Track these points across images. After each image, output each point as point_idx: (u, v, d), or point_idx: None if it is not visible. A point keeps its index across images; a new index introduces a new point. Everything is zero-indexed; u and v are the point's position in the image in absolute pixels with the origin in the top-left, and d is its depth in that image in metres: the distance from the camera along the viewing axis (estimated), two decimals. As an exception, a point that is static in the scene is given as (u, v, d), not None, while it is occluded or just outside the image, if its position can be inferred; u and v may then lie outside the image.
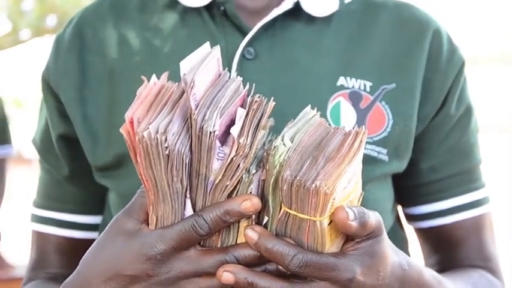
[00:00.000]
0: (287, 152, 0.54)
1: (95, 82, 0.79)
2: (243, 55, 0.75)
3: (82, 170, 0.82)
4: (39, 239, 0.89)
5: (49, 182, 0.89)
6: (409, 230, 0.90)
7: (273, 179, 0.54)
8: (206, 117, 0.51)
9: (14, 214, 4.27)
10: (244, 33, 0.76)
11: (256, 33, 0.75)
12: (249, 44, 0.75)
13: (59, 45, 0.83)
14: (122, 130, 0.53)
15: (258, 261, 0.55)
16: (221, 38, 0.74)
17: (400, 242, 0.77)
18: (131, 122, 0.52)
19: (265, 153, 0.55)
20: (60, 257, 0.88)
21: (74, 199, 0.87)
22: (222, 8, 0.76)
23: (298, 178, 0.52)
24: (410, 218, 0.88)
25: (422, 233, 0.89)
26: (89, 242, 0.71)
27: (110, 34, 0.82)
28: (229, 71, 0.65)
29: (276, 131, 0.57)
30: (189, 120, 0.53)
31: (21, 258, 2.98)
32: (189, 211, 0.55)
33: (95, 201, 0.87)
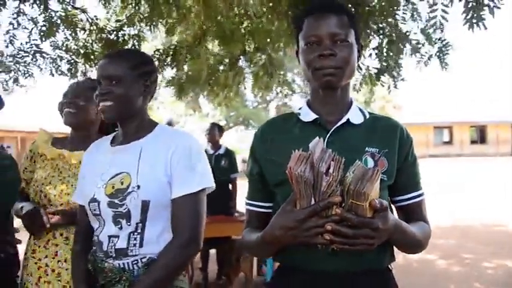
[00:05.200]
0: (351, 178, 1.02)
1: (270, 154, 1.31)
2: (327, 141, 1.25)
3: (266, 185, 1.33)
4: (249, 212, 1.41)
5: (252, 189, 1.40)
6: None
7: (346, 188, 1.02)
8: (320, 165, 1.01)
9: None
10: (327, 132, 1.27)
11: (332, 132, 1.27)
12: (330, 136, 1.26)
13: (256, 135, 1.39)
14: (286, 171, 1.03)
15: (340, 221, 1.02)
16: (319, 134, 1.19)
17: (392, 212, 1.25)
18: (290, 168, 1.03)
19: (343, 179, 1.03)
20: (257, 220, 1.38)
21: (262, 196, 1.37)
22: (318, 121, 1.29)
23: (356, 188, 1.00)
24: (393, 202, 1.35)
25: (398, 208, 1.37)
26: (268, 214, 1.29)
27: (272, 134, 1.35)
28: None
29: (345, 168, 1.04)
30: (314, 167, 1.02)
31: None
32: (313, 202, 1.04)
33: (270, 197, 1.34)
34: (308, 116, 1.31)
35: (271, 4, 4.30)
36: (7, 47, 5.54)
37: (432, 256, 5.83)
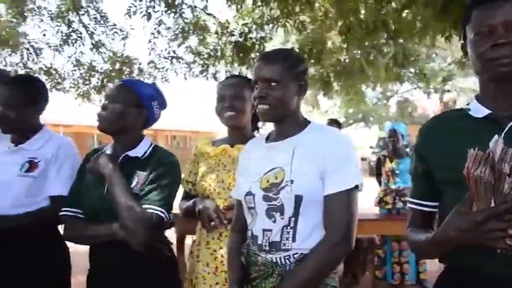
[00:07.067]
0: None
1: (439, 151, 1.24)
2: (503, 138, 1.08)
3: (432, 183, 1.26)
4: (413, 211, 1.35)
5: (417, 188, 1.35)
6: None
7: None
8: (502, 166, 0.93)
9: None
10: (502, 128, 1.13)
11: (509, 128, 1.13)
12: (506, 133, 1.12)
13: (422, 132, 1.32)
14: (464, 172, 0.97)
15: None
16: (492, 131, 1.07)
17: None
18: (468, 168, 0.96)
19: None
20: (421, 219, 1.34)
21: (428, 194, 1.31)
22: (492, 117, 1.16)
23: None
24: None
25: None
26: (433, 214, 1.26)
27: (440, 131, 1.27)
28: None
29: None
30: (494, 167, 0.94)
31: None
32: (492, 205, 0.96)
33: (436, 196, 1.28)
34: (479, 111, 1.21)
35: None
36: (150, 54, 6.14)
37: None
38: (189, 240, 2.82)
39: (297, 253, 1.39)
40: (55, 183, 1.87)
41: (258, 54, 5.49)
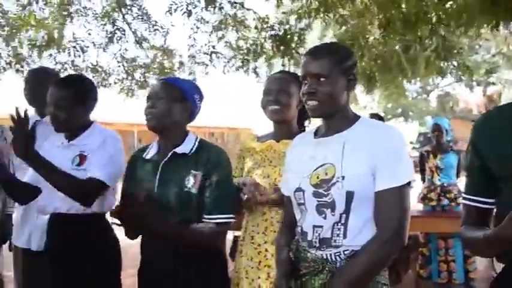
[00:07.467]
0: None
1: (497, 145, 1.17)
2: None
3: (489, 179, 1.20)
4: (467, 208, 1.29)
5: (472, 183, 1.29)
6: None
7: None
8: None
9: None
10: None
11: None
12: None
13: (477, 126, 1.25)
14: None
15: None
16: None
17: None
18: None
19: None
20: (476, 216, 1.26)
21: (484, 190, 1.24)
22: None
23: None
24: None
25: None
26: (489, 210, 1.20)
27: (496, 124, 1.20)
28: None
29: None
30: None
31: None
32: None
33: (493, 192, 1.22)
34: None
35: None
36: (189, 50, 6.24)
37: None
38: (229, 235, 2.83)
39: (347, 250, 1.36)
40: (93, 167, 1.92)
41: (298, 45, 5.46)
